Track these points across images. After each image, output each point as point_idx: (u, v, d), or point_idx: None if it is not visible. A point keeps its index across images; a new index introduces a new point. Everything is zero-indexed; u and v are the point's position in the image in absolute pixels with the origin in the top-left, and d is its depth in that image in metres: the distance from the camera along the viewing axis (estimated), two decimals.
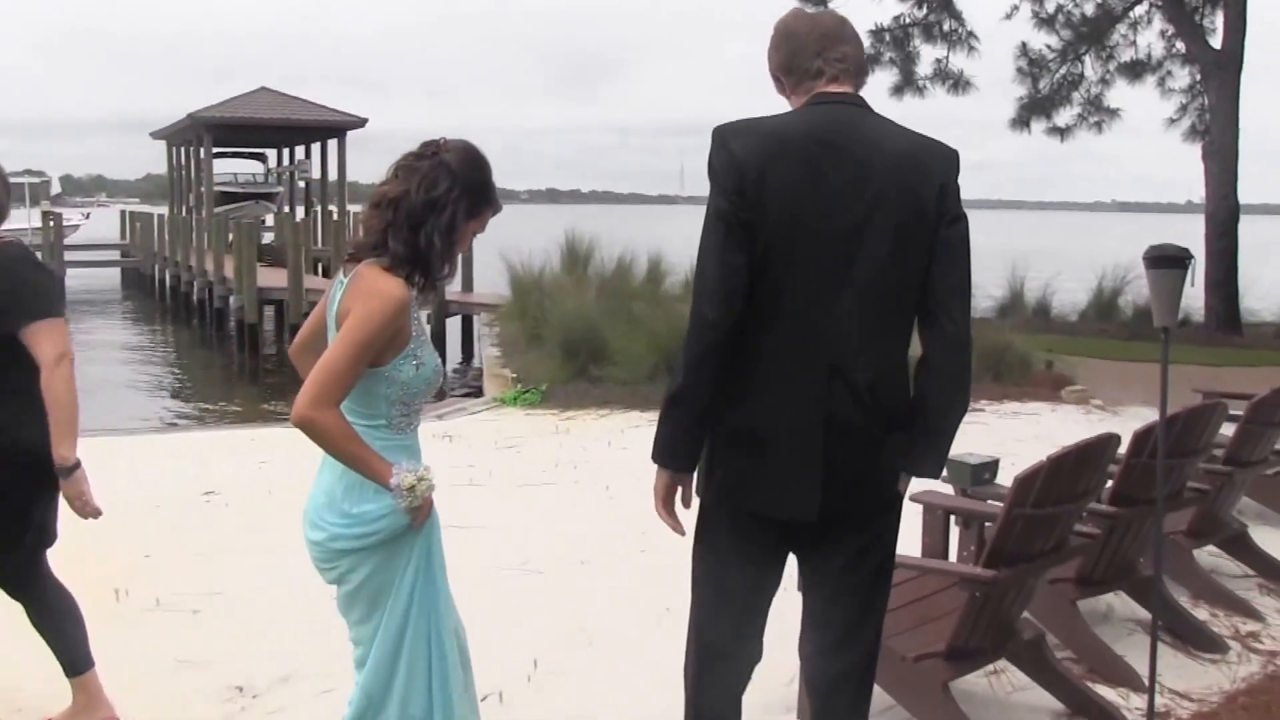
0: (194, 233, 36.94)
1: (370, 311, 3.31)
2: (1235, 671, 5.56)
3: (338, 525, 3.51)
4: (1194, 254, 4.65)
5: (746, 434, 3.33)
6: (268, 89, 48.24)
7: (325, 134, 47.45)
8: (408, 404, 3.50)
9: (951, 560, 5.56)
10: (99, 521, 4.56)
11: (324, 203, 46.90)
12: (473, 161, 3.46)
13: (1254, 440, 6.96)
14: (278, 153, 56.06)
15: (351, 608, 3.64)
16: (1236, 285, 21.71)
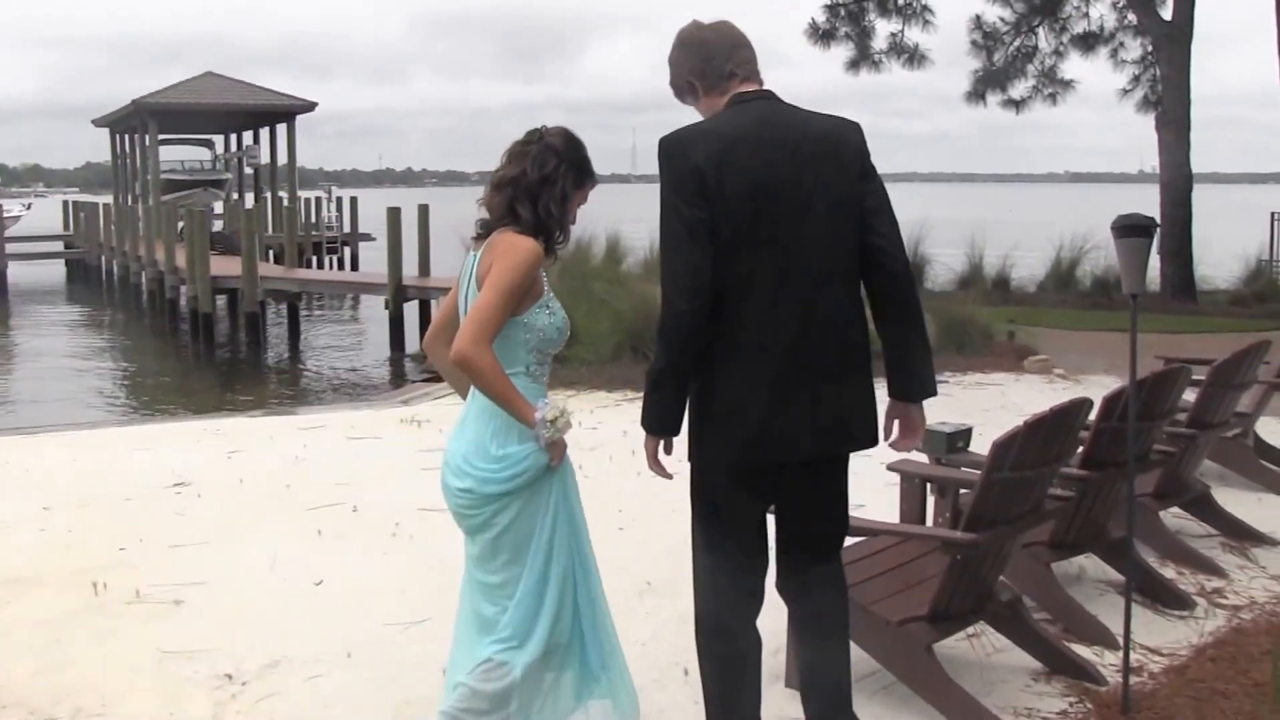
0: (141, 222, 36.70)
1: (514, 261, 3.80)
2: (1203, 626, 5.76)
3: (489, 469, 3.91)
4: (1158, 222, 4.81)
5: (742, 396, 3.77)
6: (214, 73, 47.93)
7: (274, 119, 47.19)
8: (542, 352, 3.97)
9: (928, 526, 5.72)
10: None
11: (274, 189, 46.68)
12: (573, 142, 4.00)
13: (1215, 403, 7.17)
14: (225, 139, 55.70)
15: (497, 553, 3.98)
16: (1191, 253, 22.02)
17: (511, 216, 3.92)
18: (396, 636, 5.66)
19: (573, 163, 3.97)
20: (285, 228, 35.12)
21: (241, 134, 53.86)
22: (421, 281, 25.23)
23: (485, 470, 3.91)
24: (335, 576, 6.51)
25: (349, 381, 22.45)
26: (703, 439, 3.88)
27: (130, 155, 51.72)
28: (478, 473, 3.92)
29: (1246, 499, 7.88)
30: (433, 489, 8.13)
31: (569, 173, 3.95)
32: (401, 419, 10.86)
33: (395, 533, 7.30)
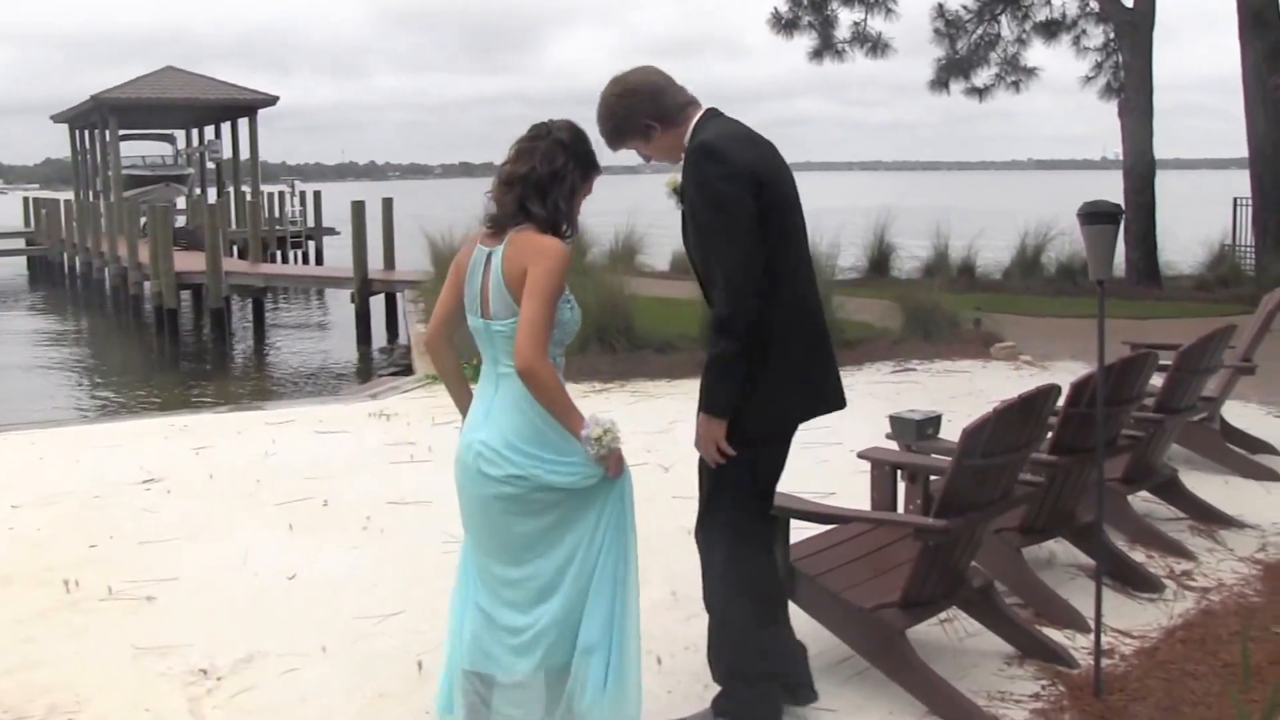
0: (104, 218, 36.47)
1: (551, 267, 3.85)
2: (1172, 608, 5.82)
3: (552, 461, 3.92)
4: (1124, 209, 4.85)
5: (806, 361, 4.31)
6: (174, 68, 47.70)
7: (235, 113, 46.97)
8: (562, 342, 4.04)
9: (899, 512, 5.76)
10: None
11: (236, 184, 46.43)
12: (579, 136, 4.07)
13: (1182, 388, 7.23)
14: (187, 134, 55.35)
15: (530, 546, 3.99)
16: (1155, 239, 22.13)
17: (524, 214, 3.96)
18: (369, 629, 5.66)
19: (579, 157, 4.03)
20: (249, 222, 34.97)
21: (203, 129, 53.54)
22: (387, 275, 25.17)
23: (544, 460, 3.91)
24: (307, 571, 6.51)
25: (316, 376, 22.39)
26: (771, 401, 4.22)
27: (91, 151, 51.37)
28: (533, 462, 3.91)
29: (1214, 482, 7.96)
30: (402, 482, 8.21)
31: (576, 167, 4.01)
32: (370, 413, 10.85)
33: (366, 526, 7.30)
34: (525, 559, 3.98)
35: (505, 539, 4.00)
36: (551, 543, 3.96)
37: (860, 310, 14.95)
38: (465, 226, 19.53)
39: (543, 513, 3.94)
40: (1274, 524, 7.18)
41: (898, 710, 4.72)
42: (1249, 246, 22.26)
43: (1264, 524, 7.18)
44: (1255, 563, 6.52)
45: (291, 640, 5.54)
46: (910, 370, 12.75)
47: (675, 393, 11.22)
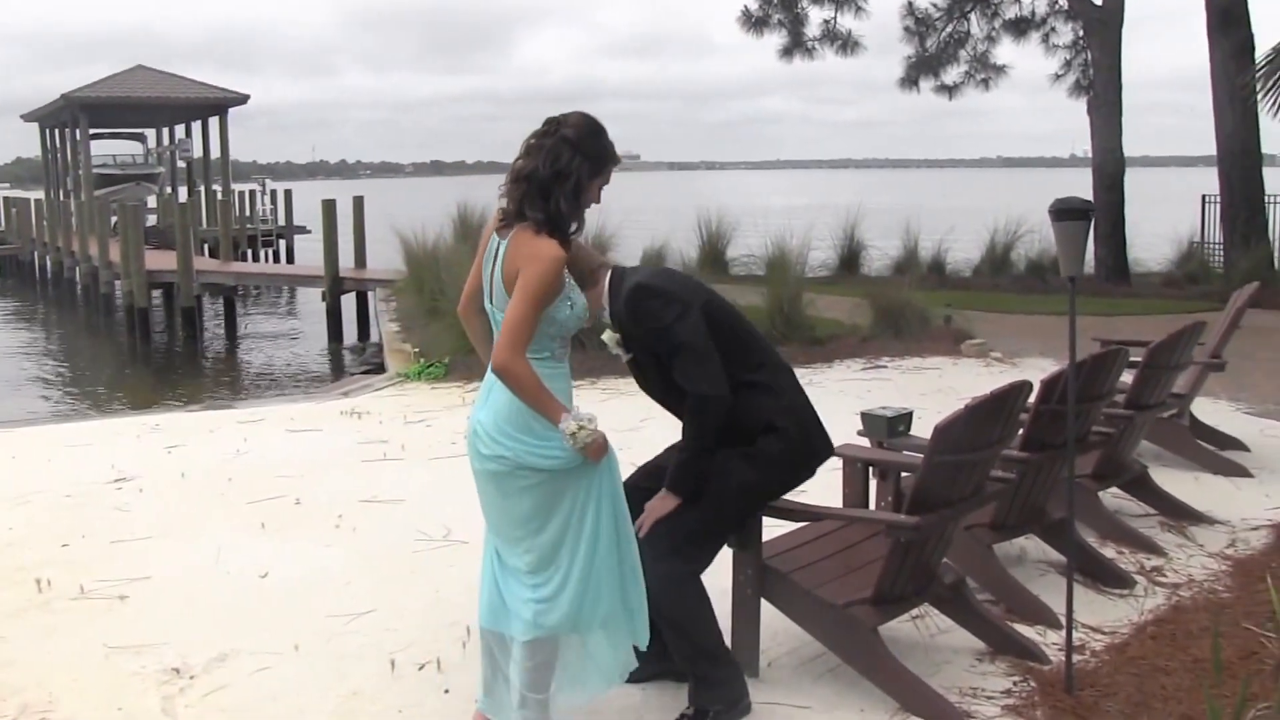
0: (74, 217, 36.25)
1: (539, 271, 3.94)
2: (1143, 604, 5.84)
3: (532, 444, 4.05)
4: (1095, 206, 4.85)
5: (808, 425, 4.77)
6: (144, 67, 47.38)
7: (206, 112, 46.68)
8: (564, 338, 4.15)
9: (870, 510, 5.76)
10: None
11: (207, 182, 46.21)
12: (589, 130, 4.08)
13: (1152, 384, 7.25)
14: (157, 133, 55.05)
15: (524, 521, 4.13)
16: (1124, 236, 22.26)
17: (520, 216, 4.04)
18: (342, 628, 5.64)
19: (588, 153, 4.05)
20: (220, 221, 34.75)
21: (173, 127, 53.24)
22: (358, 273, 25.07)
23: (528, 445, 4.04)
24: (280, 569, 6.48)
25: (288, 374, 22.28)
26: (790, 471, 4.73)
27: (61, 150, 51.01)
28: (518, 445, 4.04)
29: (1184, 478, 8.00)
30: (374, 480, 8.18)
31: (584, 164, 4.04)
32: (342, 411, 10.81)
33: (338, 525, 7.27)
34: (519, 534, 4.15)
35: (500, 511, 4.18)
36: (542, 520, 4.10)
37: (831, 308, 14.97)
38: (437, 225, 19.58)
39: (527, 491, 4.08)
40: (1243, 520, 7.22)
41: (870, 707, 4.72)
42: (1217, 243, 22.38)
43: (1233, 520, 7.22)
44: (1225, 558, 6.55)
45: (264, 639, 5.51)
46: (881, 367, 12.77)
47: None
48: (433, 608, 5.89)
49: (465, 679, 5.04)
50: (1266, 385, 11.56)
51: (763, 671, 5.01)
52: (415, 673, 5.15)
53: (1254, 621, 5.38)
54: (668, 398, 4.73)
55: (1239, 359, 9.67)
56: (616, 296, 4.61)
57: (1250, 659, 5.02)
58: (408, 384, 12.26)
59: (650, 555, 4.41)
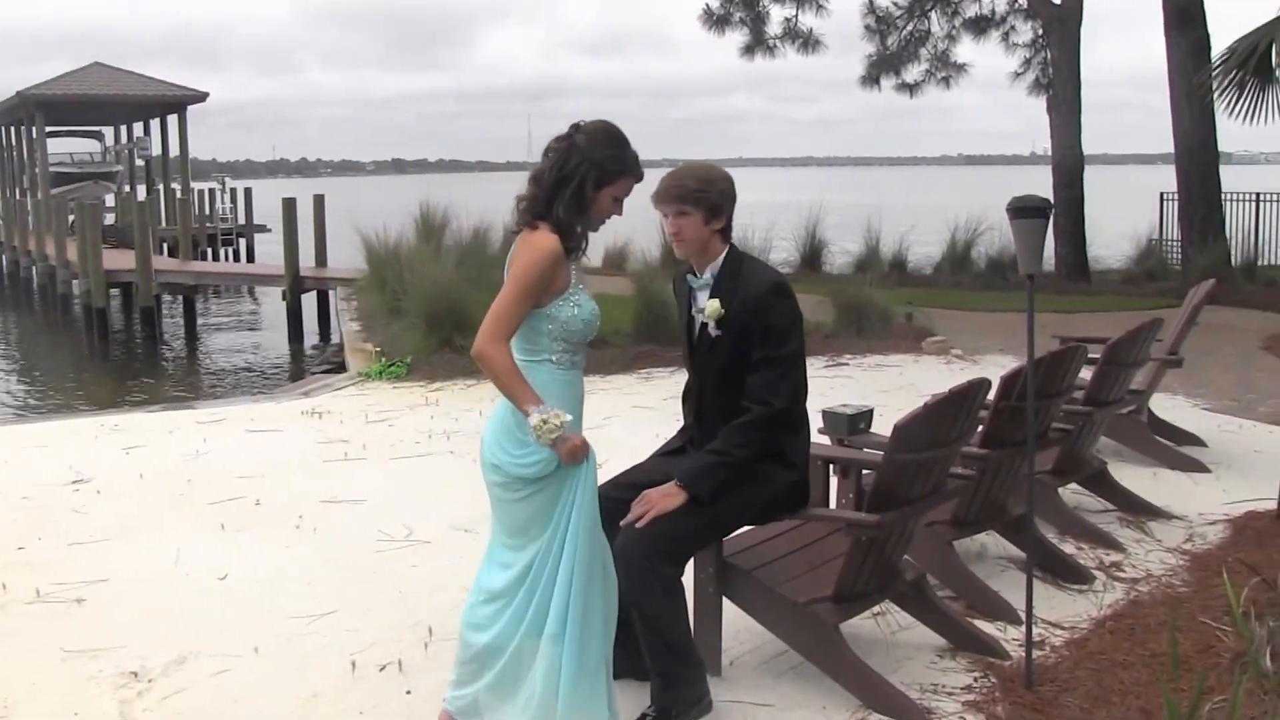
0: (31, 216, 35.95)
1: (527, 260, 4.00)
2: (1101, 599, 5.89)
3: (515, 454, 4.08)
4: (1053, 204, 4.88)
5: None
6: (101, 64, 47.01)
7: (165, 109, 46.40)
8: (568, 342, 4.10)
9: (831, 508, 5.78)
10: None
11: (166, 181, 45.91)
12: (601, 139, 4.09)
13: (1110, 381, 7.31)
14: (115, 130, 54.65)
15: (523, 529, 4.14)
16: (1084, 234, 22.40)
17: (524, 219, 4.09)
18: (303, 629, 5.62)
19: (596, 161, 4.05)
20: (179, 220, 34.55)
21: (131, 125, 52.86)
22: (318, 272, 24.97)
23: (511, 455, 4.08)
24: (239, 571, 6.45)
25: (248, 374, 22.18)
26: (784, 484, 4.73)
27: (16, 148, 50.61)
28: (505, 455, 4.09)
29: (1142, 474, 8.07)
30: (335, 481, 8.15)
31: (591, 171, 4.04)
32: (302, 411, 10.76)
33: (299, 525, 7.25)
34: (518, 541, 4.16)
35: (500, 517, 4.23)
36: (538, 530, 4.10)
37: None
38: (398, 223, 19.52)
39: (522, 501, 4.10)
40: (1201, 515, 7.29)
41: (832, 705, 4.74)
42: (1176, 241, 22.55)
43: (1191, 515, 7.28)
44: (1183, 553, 6.61)
45: (223, 641, 5.48)
46: (842, 365, 12.82)
47: (608, 388, 11.21)
48: (394, 608, 5.88)
49: (427, 680, 5.04)
50: (1223, 381, 11.67)
51: (724, 670, 5.02)
52: (377, 674, 5.14)
53: (1211, 616, 5.42)
54: (720, 386, 4.69)
55: (1196, 355, 9.75)
56: (735, 276, 4.64)
57: (1207, 653, 5.06)
58: (369, 383, 12.23)
59: (640, 552, 4.39)
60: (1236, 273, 20.12)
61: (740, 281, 4.64)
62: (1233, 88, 14.68)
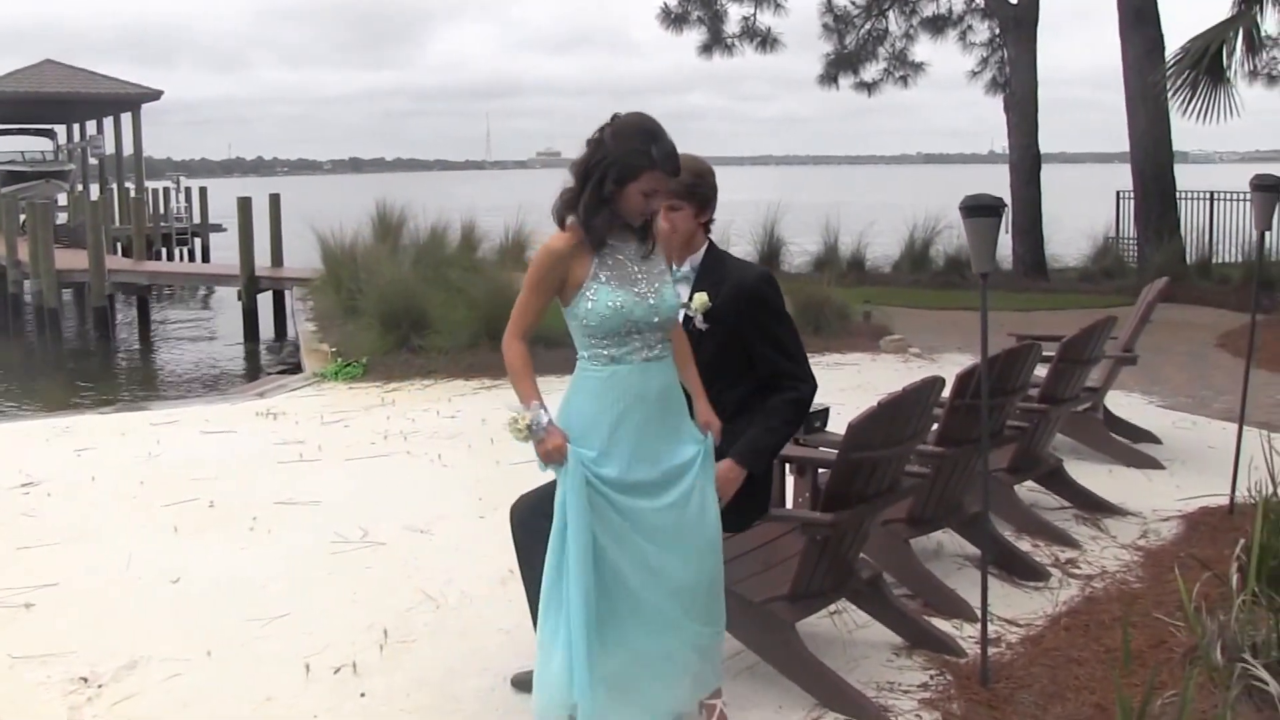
0: None
1: (535, 258, 4.13)
2: (1057, 596, 5.92)
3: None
4: (1005, 202, 4.91)
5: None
6: (53, 61, 46.64)
7: (118, 107, 46.12)
8: (597, 339, 4.06)
9: (789, 507, 5.80)
10: None
11: (120, 180, 45.58)
12: (627, 133, 4.01)
13: (1066, 379, 7.36)
14: (67, 129, 54.23)
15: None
16: (1041, 232, 22.52)
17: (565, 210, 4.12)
18: (257, 632, 5.59)
19: (618, 157, 3.97)
20: (133, 219, 34.28)
21: (84, 123, 52.50)
22: (274, 272, 24.87)
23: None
24: (193, 573, 6.41)
25: (203, 375, 22.05)
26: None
27: None
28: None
29: (1098, 471, 8.12)
30: (290, 482, 8.10)
31: (611, 168, 3.97)
32: (257, 412, 10.71)
33: (253, 527, 7.21)
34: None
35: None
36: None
37: None
38: (355, 222, 19.47)
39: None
40: (1155, 511, 7.35)
41: (788, 704, 4.75)
42: (1132, 239, 22.70)
43: (1146, 511, 7.34)
44: (1137, 549, 6.67)
45: (175, 645, 5.45)
46: None
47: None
48: (350, 610, 5.86)
49: (382, 682, 5.03)
50: (1178, 378, 11.78)
51: None
52: (331, 676, 5.12)
53: (1164, 611, 5.47)
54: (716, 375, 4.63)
55: (1151, 353, 9.82)
56: (718, 269, 4.77)
57: (1160, 648, 5.11)
58: (325, 384, 12.18)
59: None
60: (1192, 270, 20.28)
61: (726, 274, 4.72)
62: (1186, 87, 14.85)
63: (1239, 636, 4.69)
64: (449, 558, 6.63)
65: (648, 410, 4.06)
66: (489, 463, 8.52)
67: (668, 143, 4.03)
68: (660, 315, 4.07)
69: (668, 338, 4.16)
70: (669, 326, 4.15)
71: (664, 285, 4.12)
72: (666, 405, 4.13)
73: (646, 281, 4.07)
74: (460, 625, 5.67)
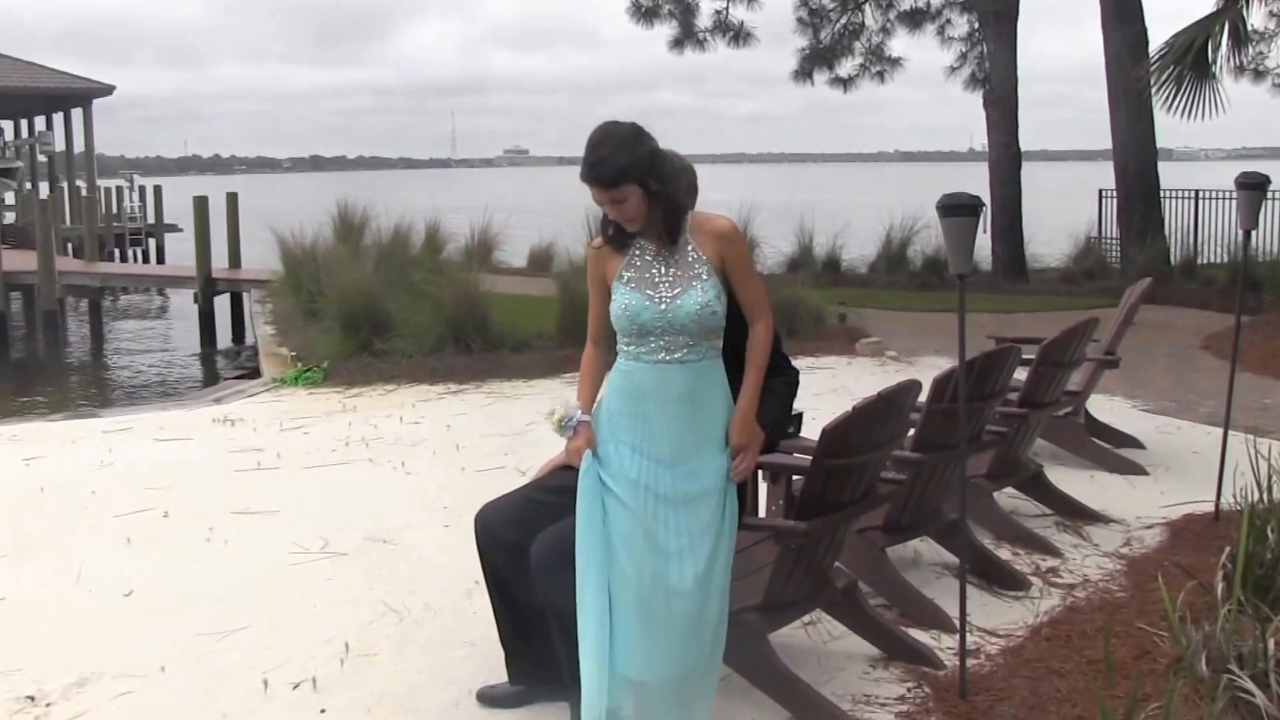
0: None
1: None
2: (1038, 606, 5.95)
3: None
4: (984, 201, 4.93)
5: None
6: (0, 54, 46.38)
7: (68, 103, 45.84)
8: (625, 336, 4.33)
9: (761, 515, 5.80)
10: None
11: (70, 178, 45.32)
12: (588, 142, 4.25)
13: (1046, 382, 7.38)
14: (15, 124, 53.89)
15: None
16: (1021, 232, 22.63)
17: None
18: (212, 646, 5.57)
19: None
20: (84, 219, 34.11)
21: (33, 119, 52.15)
22: (232, 274, 24.76)
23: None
24: (146, 586, 6.38)
25: (157, 380, 21.92)
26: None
27: None
28: None
29: (1079, 477, 8.16)
30: (248, 491, 8.09)
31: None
32: (214, 418, 10.67)
33: (209, 538, 7.18)
34: None
35: None
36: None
37: None
38: (315, 223, 19.41)
39: None
40: (1139, 518, 7.38)
41: (762, 717, 4.75)
42: (1115, 239, 22.80)
43: (1129, 518, 7.37)
44: (1120, 558, 6.69)
45: (128, 661, 5.42)
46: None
47: (533, 393, 11.23)
48: (309, 623, 5.84)
49: (343, 698, 5.02)
50: (1162, 381, 11.84)
51: None
52: (289, 692, 5.10)
53: (1147, 621, 5.49)
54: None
55: (1134, 356, 9.87)
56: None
57: (1144, 658, 5.12)
58: (284, 389, 12.14)
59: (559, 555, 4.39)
60: (1176, 271, 20.38)
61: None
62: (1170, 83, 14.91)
63: (1225, 647, 4.71)
64: (412, 568, 6.62)
65: (671, 410, 4.25)
66: (454, 470, 8.51)
67: (589, 152, 4.21)
68: (673, 320, 4.23)
69: (703, 342, 4.29)
70: (694, 331, 4.26)
71: (690, 290, 4.25)
72: (697, 408, 4.29)
73: (669, 285, 4.27)
74: (424, 638, 5.65)
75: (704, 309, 4.24)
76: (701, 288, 4.24)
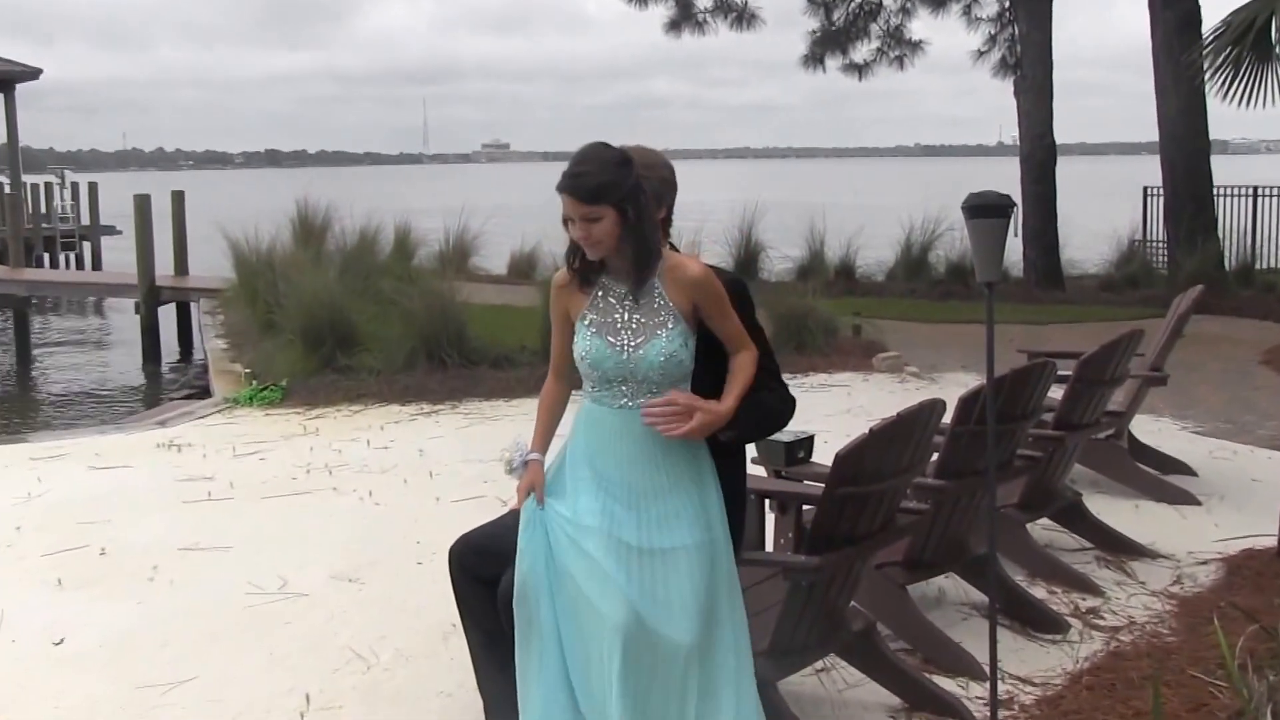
0: None
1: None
2: (1078, 651, 5.94)
3: None
4: (1014, 201, 4.93)
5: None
6: None
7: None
8: (586, 375, 4.35)
9: (768, 549, 5.81)
10: None
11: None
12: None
13: (1084, 402, 7.39)
14: None
15: None
16: (1056, 235, 22.59)
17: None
18: (156, 700, 5.56)
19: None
20: (8, 219, 34.06)
21: None
22: (178, 281, 24.73)
23: None
24: (80, 633, 6.36)
25: (93, 401, 21.89)
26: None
27: None
28: None
29: (1123, 507, 8.16)
30: (196, 524, 8.07)
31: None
32: (158, 443, 10.67)
33: (153, 577, 7.18)
34: None
35: None
36: None
37: None
38: (272, 225, 19.39)
39: None
40: (1190, 553, 7.38)
41: None
42: (1161, 242, 22.80)
43: (1179, 553, 7.37)
44: (1169, 597, 6.69)
45: (58, 717, 5.41)
46: None
47: (514, 414, 11.21)
48: (266, 673, 5.83)
49: None
50: (1215, 400, 11.85)
51: None
52: None
53: (1202, 669, 5.49)
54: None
55: (1183, 371, 9.89)
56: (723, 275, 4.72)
57: (1199, 711, 5.12)
58: (237, 410, 12.14)
59: None
60: (1230, 277, 20.41)
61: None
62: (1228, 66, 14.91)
63: None
64: (381, 610, 6.61)
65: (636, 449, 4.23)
66: (427, 500, 8.51)
67: (573, 164, 4.20)
68: (635, 370, 4.21)
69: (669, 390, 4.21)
70: (658, 380, 4.21)
71: (654, 339, 4.21)
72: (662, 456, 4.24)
73: (632, 332, 4.25)
74: (394, 688, 5.65)
75: (669, 360, 4.21)
76: (667, 336, 4.22)
